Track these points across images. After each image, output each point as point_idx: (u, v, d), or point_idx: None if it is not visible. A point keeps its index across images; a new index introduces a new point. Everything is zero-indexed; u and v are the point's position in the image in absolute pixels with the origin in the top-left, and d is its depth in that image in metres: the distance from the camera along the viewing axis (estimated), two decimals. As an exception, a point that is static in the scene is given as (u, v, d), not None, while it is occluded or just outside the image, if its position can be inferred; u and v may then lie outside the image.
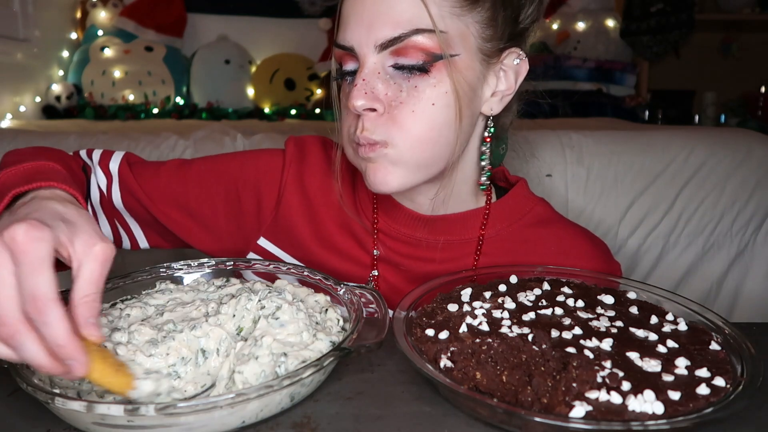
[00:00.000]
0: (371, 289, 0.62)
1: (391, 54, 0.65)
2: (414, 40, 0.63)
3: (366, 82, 0.65)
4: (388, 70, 0.66)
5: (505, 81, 0.71)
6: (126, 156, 0.80)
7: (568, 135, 1.26)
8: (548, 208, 0.82)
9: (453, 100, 0.66)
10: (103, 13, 2.72)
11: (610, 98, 2.74)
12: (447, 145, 0.68)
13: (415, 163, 0.67)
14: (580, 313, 0.58)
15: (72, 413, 0.46)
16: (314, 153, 0.82)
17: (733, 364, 0.52)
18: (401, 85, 0.65)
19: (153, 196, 0.79)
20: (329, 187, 0.81)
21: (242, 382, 0.50)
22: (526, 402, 0.48)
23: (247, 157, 0.83)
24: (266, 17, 2.89)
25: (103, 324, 0.58)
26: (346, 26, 0.67)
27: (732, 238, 1.27)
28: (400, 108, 0.65)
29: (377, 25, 0.64)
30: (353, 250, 0.80)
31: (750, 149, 1.26)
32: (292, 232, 0.81)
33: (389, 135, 0.66)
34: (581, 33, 2.77)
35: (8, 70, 2.30)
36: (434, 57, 0.64)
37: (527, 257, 0.78)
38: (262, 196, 0.81)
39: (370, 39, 0.65)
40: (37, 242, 0.43)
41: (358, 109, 0.65)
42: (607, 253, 0.81)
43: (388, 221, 0.79)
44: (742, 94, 3.16)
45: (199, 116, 2.48)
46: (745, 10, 3.02)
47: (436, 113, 0.65)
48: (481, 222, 0.78)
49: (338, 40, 0.69)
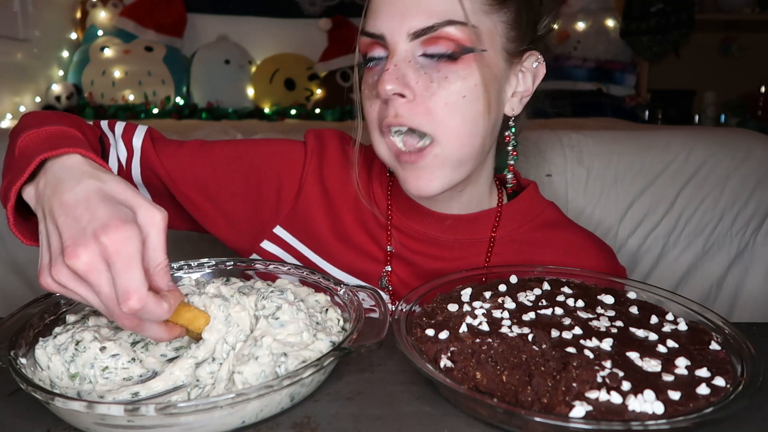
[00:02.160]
0: (372, 289, 0.62)
1: (421, 44, 0.66)
2: (446, 30, 0.65)
3: (397, 68, 0.66)
4: (418, 59, 0.67)
5: (524, 83, 0.73)
6: (149, 131, 0.80)
7: (568, 135, 1.26)
8: (557, 211, 0.83)
9: (482, 93, 0.67)
10: (103, 13, 2.72)
11: (610, 98, 2.74)
12: (481, 140, 0.69)
13: (458, 160, 0.69)
14: (580, 313, 0.58)
15: (72, 413, 0.47)
16: (333, 147, 0.83)
17: (733, 364, 0.52)
18: (431, 75, 0.66)
19: (173, 175, 0.79)
20: (346, 182, 0.81)
21: (242, 383, 0.50)
22: (526, 402, 0.48)
23: (271, 146, 0.83)
24: (266, 17, 2.89)
25: (103, 324, 0.58)
26: (378, 15, 0.68)
27: (732, 238, 1.27)
28: (433, 99, 0.66)
29: (411, 14, 0.65)
30: (368, 245, 0.81)
31: (750, 149, 1.26)
32: (310, 223, 0.81)
33: (429, 127, 0.66)
34: (581, 33, 2.77)
35: (8, 70, 2.30)
36: (464, 49, 0.66)
37: (535, 259, 0.78)
38: (283, 185, 0.82)
39: (403, 27, 0.66)
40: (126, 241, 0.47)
41: (388, 93, 0.66)
42: (613, 257, 0.83)
43: (402, 218, 0.80)
44: (742, 94, 3.16)
45: (199, 116, 2.48)
46: (745, 10, 3.01)
47: (467, 106, 0.67)
48: (492, 223, 0.79)
49: (367, 27, 0.69)
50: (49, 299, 0.62)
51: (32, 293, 1.22)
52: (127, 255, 0.47)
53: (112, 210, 0.49)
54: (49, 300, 0.61)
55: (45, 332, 0.58)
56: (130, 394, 0.50)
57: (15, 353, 0.53)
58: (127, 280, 0.46)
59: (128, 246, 0.47)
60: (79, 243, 0.47)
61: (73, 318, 0.60)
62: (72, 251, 0.47)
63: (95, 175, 0.52)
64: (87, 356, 0.53)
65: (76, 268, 0.47)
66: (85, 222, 0.48)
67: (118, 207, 0.50)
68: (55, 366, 0.53)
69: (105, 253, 0.47)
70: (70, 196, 0.50)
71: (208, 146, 0.82)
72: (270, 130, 1.86)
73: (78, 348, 0.53)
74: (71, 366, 0.52)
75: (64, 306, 0.62)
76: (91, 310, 0.61)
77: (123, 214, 0.49)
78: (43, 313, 0.60)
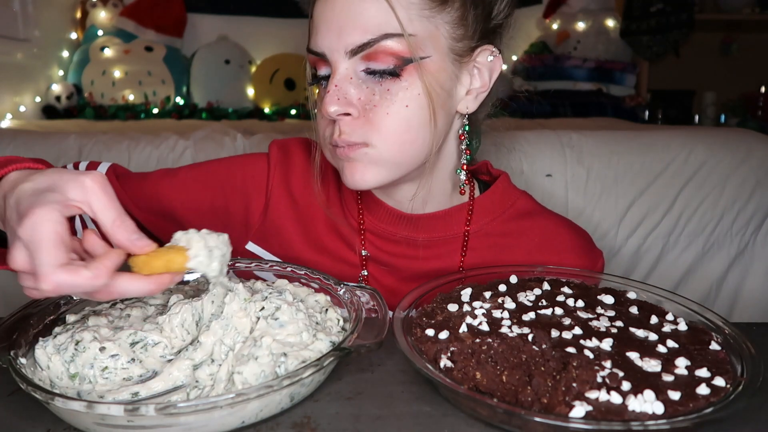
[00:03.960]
0: (371, 289, 0.62)
1: (362, 59, 0.65)
2: (383, 45, 0.64)
3: (338, 88, 0.66)
4: (360, 74, 0.66)
5: (480, 78, 0.72)
6: (113, 166, 0.81)
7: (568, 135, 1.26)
8: (530, 200, 0.83)
9: (426, 102, 0.66)
10: (103, 13, 2.72)
11: (610, 98, 2.74)
12: (423, 145, 0.69)
13: (394, 162, 0.68)
14: (580, 313, 0.58)
15: (72, 413, 0.47)
16: (298, 155, 0.83)
17: (733, 364, 0.52)
18: (373, 88, 0.66)
19: (140, 204, 0.80)
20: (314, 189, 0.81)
21: (242, 383, 0.50)
22: (526, 402, 0.48)
23: (232, 163, 0.84)
24: (266, 17, 2.89)
25: (103, 324, 0.58)
26: (317, 32, 0.68)
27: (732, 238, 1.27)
28: (375, 111, 0.66)
29: (346, 30, 0.65)
30: (342, 251, 0.81)
31: (750, 149, 1.26)
32: (282, 235, 0.81)
33: (367, 137, 0.67)
34: (581, 33, 2.77)
35: (8, 70, 2.30)
36: (404, 61, 0.65)
37: (511, 250, 0.78)
38: (250, 200, 0.82)
39: (341, 45, 0.65)
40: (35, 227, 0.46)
41: (332, 115, 0.66)
42: (589, 242, 0.82)
43: (374, 220, 0.79)
44: (742, 94, 3.16)
45: (199, 116, 2.48)
46: (745, 10, 3.01)
47: (410, 115, 0.66)
48: (465, 217, 0.78)
49: (310, 45, 0.70)
50: (49, 299, 0.61)
51: (32, 293, 1.22)
52: (36, 240, 0.46)
53: (31, 200, 0.49)
54: (49, 300, 0.61)
55: (45, 332, 0.58)
56: (130, 394, 0.50)
57: (15, 353, 0.53)
58: (36, 266, 0.46)
59: (38, 229, 0.46)
60: (12, 245, 0.48)
61: (72, 318, 0.60)
62: (9, 255, 0.48)
63: (26, 179, 0.52)
64: (87, 356, 0.53)
65: (19, 269, 0.48)
66: (14, 223, 0.49)
67: (41, 196, 0.49)
68: (55, 366, 0.53)
69: (24, 245, 0.47)
70: (9, 212, 0.51)
71: (172, 173, 0.82)
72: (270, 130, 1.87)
73: (78, 348, 0.53)
74: (71, 366, 0.52)
75: (64, 306, 0.62)
76: (91, 310, 0.61)
77: (41, 201, 0.48)
78: (43, 313, 0.60)
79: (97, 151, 1.32)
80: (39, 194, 0.49)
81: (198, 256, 0.52)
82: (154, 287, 0.50)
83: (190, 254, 0.52)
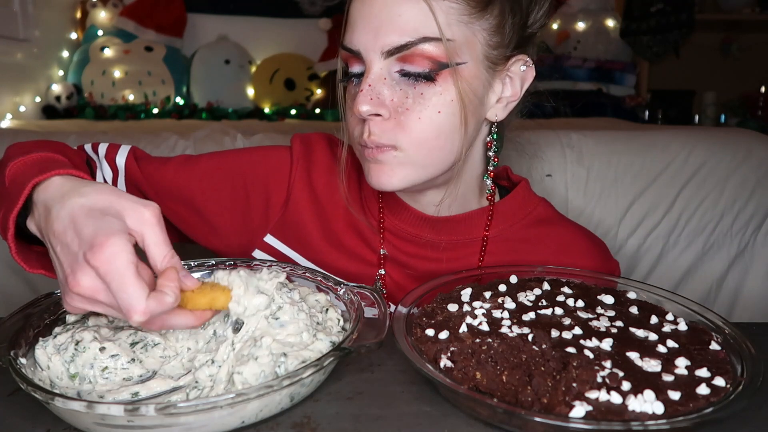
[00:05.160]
0: (371, 289, 0.62)
1: (397, 60, 0.65)
2: (421, 48, 0.63)
3: (372, 88, 0.65)
4: (394, 76, 0.66)
5: (511, 88, 0.72)
6: (132, 150, 0.80)
7: (568, 135, 1.26)
8: (549, 207, 0.83)
9: (458, 109, 0.66)
10: (103, 13, 2.72)
11: (610, 98, 2.75)
12: (452, 151, 0.68)
13: (421, 166, 0.68)
14: (580, 313, 0.58)
15: (72, 413, 0.47)
16: (320, 151, 0.82)
17: (733, 364, 0.52)
18: (407, 91, 0.66)
19: (159, 191, 0.79)
20: (336, 186, 0.81)
21: (242, 383, 0.50)
22: (526, 402, 0.48)
23: (255, 154, 0.83)
24: (266, 17, 2.89)
25: (103, 324, 0.58)
26: (354, 29, 0.67)
27: (732, 238, 1.27)
28: (407, 114, 0.65)
29: (384, 31, 0.64)
30: (360, 249, 0.80)
31: (750, 149, 1.26)
32: (301, 230, 0.81)
33: (397, 139, 0.66)
34: (581, 33, 2.77)
35: (8, 70, 2.30)
36: (440, 65, 0.64)
37: (529, 256, 0.78)
38: (271, 193, 0.81)
39: (377, 45, 0.65)
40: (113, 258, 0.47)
41: (364, 114, 0.65)
42: (605, 251, 0.82)
43: (395, 221, 0.79)
44: (742, 94, 3.16)
45: (199, 116, 2.48)
46: (745, 10, 3.01)
47: (442, 121, 0.66)
48: (485, 222, 0.78)
49: (345, 42, 0.69)
50: (49, 299, 0.62)
51: (32, 293, 1.22)
52: (117, 271, 0.47)
53: (96, 226, 0.49)
54: (49, 300, 0.61)
55: (45, 332, 0.58)
56: (130, 394, 0.50)
57: (15, 353, 0.53)
58: (125, 298, 0.47)
59: (116, 262, 0.47)
60: (76, 270, 0.48)
61: (73, 318, 0.60)
62: (72, 280, 0.48)
63: (76, 191, 0.52)
64: (87, 356, 0.53)
65: (82, 293, 0.48)
66: (75, 247, 0.49)
67: (103, 220, 0.50)
68: (55, 366, 0.53)
69: (99, 274, 0.48)
70: (59, 225, 0.51)
71: (193, 160, 0.81)
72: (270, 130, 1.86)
73: (78, 348, 0.53)
74: (71, 366, 0.52)
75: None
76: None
77: (108, 227, 0.49)
78: (43, 313, 0.60)
79: (97, 151, 1.31)
80: (99, 218, 0.50)
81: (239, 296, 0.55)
82: (197, 323, 0.53)
83: (233, 294, 0.54)
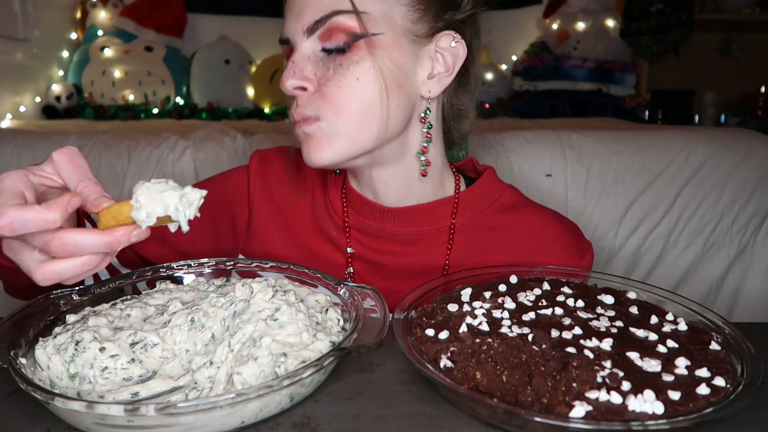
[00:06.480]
0: (372, 289, 0.62)
1: (319, 39, 0.69)
2: (335, 21, 0.67)
3: (295, 64, 0.69)
4: (318, 54, 0.70)
5: (443, 63, 0.73)
6: None
7: (568, 135, 1.26)
8: (517, 193, 0.83)
9: (375, 76, 0.68)
10: (103, 13, 2.72)
11: (610, 98, 2.74)
12: (376, 120, 0.70)
13: (347, 136, 0.70)
14: (580, 313, 0.58)
15: (72, 413, 0.46)
16: (276, 161, 0.85)
17: (733, 364, 0.52)
18: (328, 65, 0.69)
19: None
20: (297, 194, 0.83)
21: (241, 383, 0.50)
22: (526, 402, 0.48)
23: (215, 180, 0.86)
24: (266, 17, 2.89)
25: (103, 324, 0.58)
26: (285, 22, 0.72)
27: (732, 238, 1.27)
28: (328, 84, 0.69)
29: (304, 12, 0.69)
30: (328, 252, 0.81)
31: (750, 149, 1.26)
32: (268, 243, 0.82)
33: (320, 110, 0.69)
34: (581, 33, 2.77)
35: (8, 70, 2.30)
36: (355, 37, 0.68)
37: (498, 243, 0.78)
38: (235, 215, 0.84)
39: (299, 26, 0.69)
40: (2, 183, 0.50)
41: (288, 89, 0.69)
42: (577, 233, 0.82)
43: (358, 217, 0.80)
44: (742, 94, 3.15)
45: (199, 116, 2.48)
46: (745, 10, 3.01)
47: (362, 87, 0.68)
48: (450, 211, 0.79)
49: (280, 36, 0.73)
50: (49, 299, 0.62)
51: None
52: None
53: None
54: (49, 300, 0.61)
55: (45, 332, 0.58)
56: (130, 394, 0.50)
57: (15, 353, 0.53)
58: None
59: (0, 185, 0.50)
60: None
61: (73, 318, 0.60)
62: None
63: None
64: (87, 356, 0.53)
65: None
66: None
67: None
68: (55, 366, 0.53)
69: None
70: None
71: None
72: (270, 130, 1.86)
73: (78, 348, 0.53)
74: (71, 366, 0.52)
75: (64, 306, 0.62)
76: (91, 311, 0.61)
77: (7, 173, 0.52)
78: (43, 313, 0.60)
79: (97, 151, 1.32)
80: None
81: (142, 204, 0.52)
82: (109, 239, 0.51)
83: (133, 203, 0.52)
